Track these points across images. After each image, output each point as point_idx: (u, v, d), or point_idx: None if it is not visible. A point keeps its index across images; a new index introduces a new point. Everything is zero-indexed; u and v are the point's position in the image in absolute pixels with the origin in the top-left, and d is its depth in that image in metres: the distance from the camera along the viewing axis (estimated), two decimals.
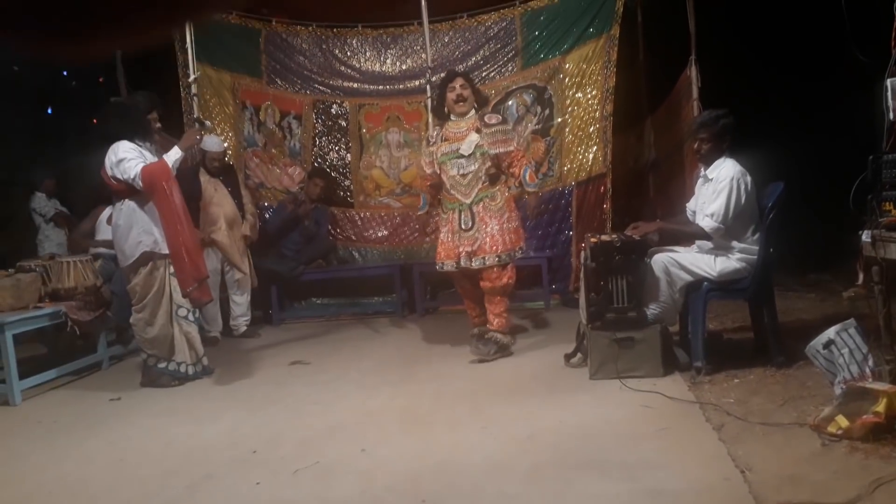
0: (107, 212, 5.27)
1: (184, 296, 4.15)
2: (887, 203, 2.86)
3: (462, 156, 4.39)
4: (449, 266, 4.43)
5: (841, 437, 2.51)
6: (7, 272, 4.43)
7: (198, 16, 0.69)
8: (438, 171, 4.48)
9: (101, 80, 7.51)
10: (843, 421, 2.54)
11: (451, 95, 4.42)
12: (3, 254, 6.18)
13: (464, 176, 4.41)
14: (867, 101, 3.22)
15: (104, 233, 5.36)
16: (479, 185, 4.38)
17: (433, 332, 5.35)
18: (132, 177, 3.98)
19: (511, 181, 4.53)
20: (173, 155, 4.10)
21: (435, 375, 4.08)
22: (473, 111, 4.44)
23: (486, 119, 4.44)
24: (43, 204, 6.94)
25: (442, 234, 4.52)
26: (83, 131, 6.88)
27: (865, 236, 2.90)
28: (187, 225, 4.12)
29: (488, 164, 4.36)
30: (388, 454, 2.84)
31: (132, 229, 4.08)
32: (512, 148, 4.41)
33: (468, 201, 4.39)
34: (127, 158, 4.00)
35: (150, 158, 4.11)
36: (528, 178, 4.39)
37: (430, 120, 5.97)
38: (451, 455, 2.77)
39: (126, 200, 4.11)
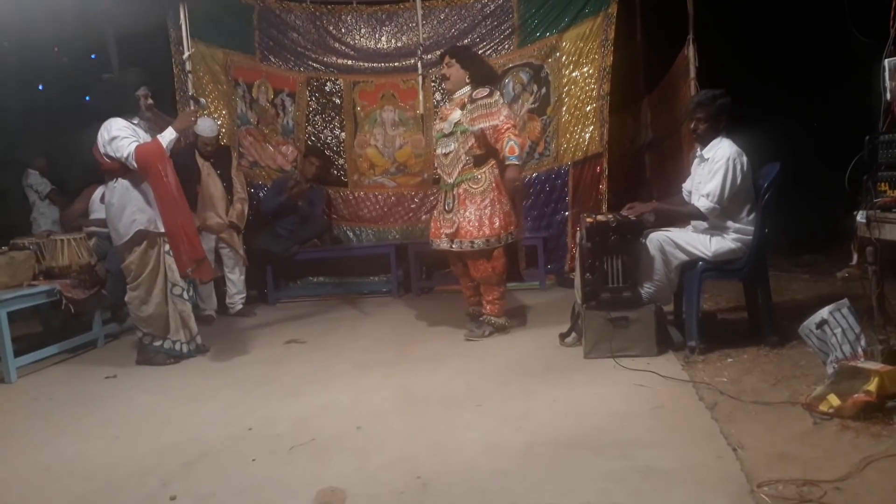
0: (99, 191, 5.23)
1: (182, 276, 4.13)
2: (883, 184, 2.86)
3: (445, 134, 4.36)
4: (435, 244, 4.43)
5: (832, 415, 2.54)
6: (1, 250, 4.40)
7: None
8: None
9: (93, 56, 7.42)
10: (834, 400, 2.57)
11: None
12: None
13: (446, 155, 4.36)
14: (865, 82, 3.20)
15: (98, 212, 5.34)
16: (460, 166, 4.28)
17: (429, 311, 5.36)
18: (125, 156, 3.94)
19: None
20: (168, 135, 4.05)
21: (430, 354, 4.10)
22: (467, 87, 4.32)
23: (474, 94, 4.26)
24: (37, 181, 6.89)
25: (435, 212, 4.52)
26: (75, 108, 6.81)
27: (860, 217, 2.90)
28: (183, 206, 4.09)
29: (471, 142, 4.22)
30: (384, 432, 2.85)
31: (126, 208, 4.06)
32: (496, 122, 4.15)
33: (451, 181, 4.35)
34: (120, 136, 3.96)
35: (144, 136, 4.07)
36: (507, 150, 4.11)
37: (422, 98, 5.93)
38: (446, 433, 2.79)
39: (119, 179, 4.08)
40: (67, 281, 4.47)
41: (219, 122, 6.32)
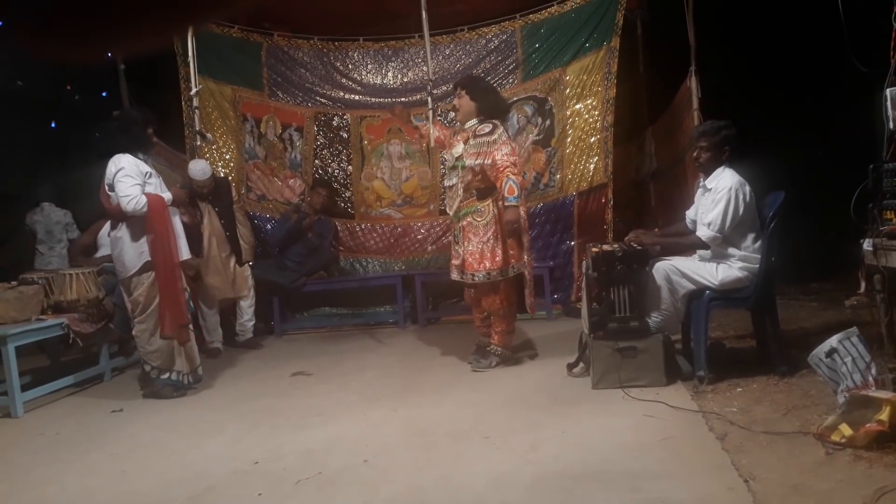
0: (107, 226, 5.28)
1: (162, 337, 4.15)
2: (888, 212, 2.87)
3: (450, 167, 4.39)
4: (452, 276, 4.45)
5: (845, 445, 2.51)
6: (10, 284, 4.43)
7: (197, 21, 0.70)
8: None
9: (104, 94, 7.55)
10: (846, 429, 2.53)
11: None
12: (5, 267, 6.18)
13: (450, 188, 4.41)
14: (867, 111, 3.23)
15: (105, 247, 5.35)
16: (458, 201, 4.28)
17: (435, 342, 5.35)
18: (130, 198, 3.96)
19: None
20: (167, 197, 4.18)
21: (437, 386, 4.08)
22: (475, 120, 4.32)
23: (477, 130, 4.26)
24: (52, 214, 6.85)
25: None
26: (86, 145, 6.91)
27: (867, 245, 2.90)
28: (177, 271, 4.18)
29: (469, 177, 4.22)
30: (391, 465, 2.83)
31: (135, 239, 4.09)
32: (495, 160, 4.13)
33: (451, 214, 4.38)
34: (125, 172, 4.00)
35: (152, 173, 4.16)
36: (507, 191, 4.09)
37: (431, 131, 5.99)
38: (454, 466, 2.76)
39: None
40: (75, 315, 4.49)
41: (227, 156, 6.40)
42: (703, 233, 3.60)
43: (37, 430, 3.79)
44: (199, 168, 5.50)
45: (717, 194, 3.58)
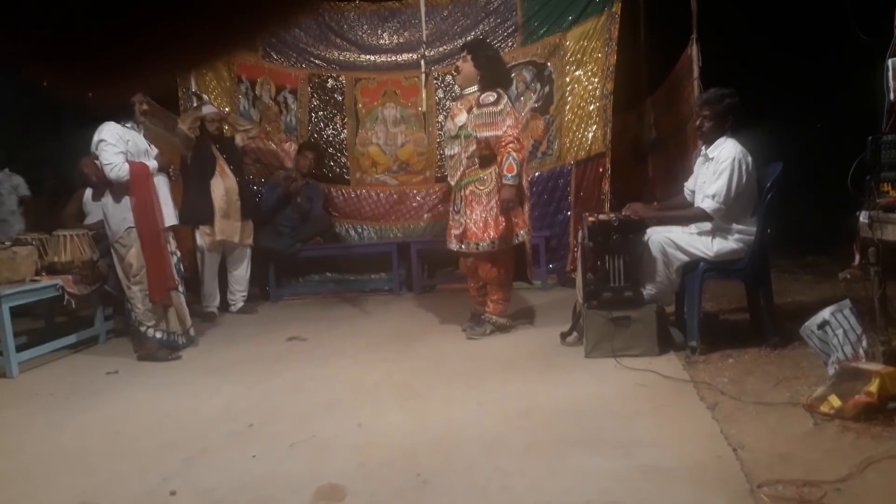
0: (89, 191, 5.28)
1: (150, 301, 4.24)
2: (885, 184, 2.86)
3: (451, 136, 4.33)
4: (448, 245, 4.43)
5: (833, 416, 2.54)
6: (3, 245, 4.41)
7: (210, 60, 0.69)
8: None
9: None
10: (835, 401, 2.57)
11: None
12: None
13: (451, 157, 4.36)
14: (868, 82, 3.20)
15: (93, 212, 5.32)
16: (461, 170, 4.24)
17: (430, 309, 5.36)
18: (112, 166, 4.07)
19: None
20: (152, 165, 4.27)
21: (432, 352, 4.10)
22: (475, 87, 4.25)
23: (481, 98, 4.19)
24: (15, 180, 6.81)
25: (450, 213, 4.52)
26: (77, 107, 6.81)
27: (863, 217, 2.90)
28: (162, 236, 4.26)
29: (473, 147, 4.16)
30: (384, 429, 2.85)
31: (118, 205, 4.18)
32: (499, 132, 4.08)
33: (453, 183, 4.35)
34: (107, 142, 4.09)
35: (136, 140, 4.23)
36: (506, 168, 4.05)
37: (424, 95, 5.93)
38: (447, 431, 2.79)
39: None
40: (70, 276, 4.48)
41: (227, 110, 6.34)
42: (706, 204, 3.57)
43: (32, 390, 3.80)
44: (208, 107, 5.64)
45: (720, 165, 3.55)
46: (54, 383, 3.92)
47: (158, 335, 4.28)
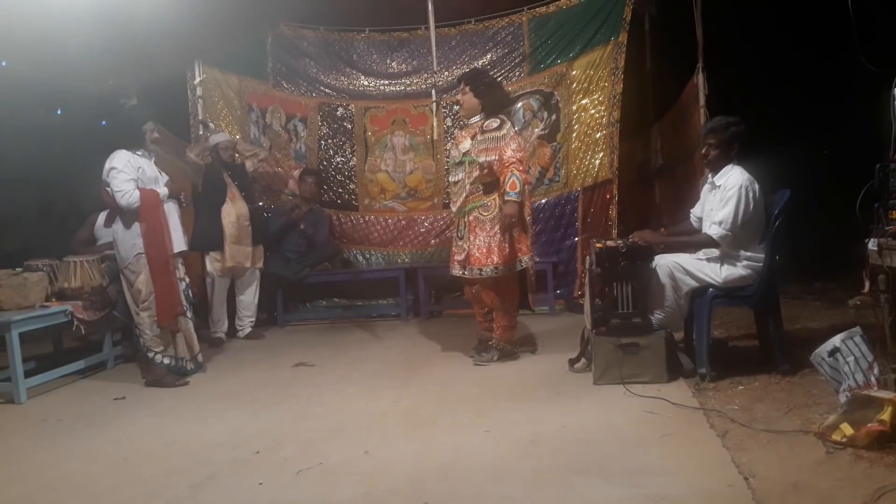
0: (102, 216, 5.33)
1: (159, 326, 4.27)
2: (894, 212, 2.86)
3: (456, 162, 4.37)
4: (451, 271, 4.44)
5: (846, 445, 2.51)
6: (14, 271, 4.45)
7: None
8: None
9: (110, 82, 7.52)
10: (847, 429, 2.53)
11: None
12: (10, 252, 6.20)
13: (455, 184, 4.39)
14: (875, 110, 3.21)
15: (104, 237, 5.36)
16: (464, 196, 4.26)
17: (437, 335, 5.35)
18: (122, 193, 4.12)
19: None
20: (162, 192, 4.33)
21: (439, 378, 4.08)
22: (479, 116, 4.31)
23: (485, 125, 4.25)
24: None
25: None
26: (91, 133, 6.91)
27: (872, 244, 2.89)
28: (170, 262, 4.30)
29: (477, 172, 4.19)
30: (391, 457, 2.84)
31: (128, 232, 4.22)
32: (503, 156, 4.12)
33: (455, 210, 4.37)
34: (118, 169, 4.14)
35: (147, 167, 4.29)
36: (508, 185, 4.06)
37: (434, 123, 5.99)
38: (454, 458, 2.77)
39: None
40: (79, 302, 4.51)
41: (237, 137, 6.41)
42: (713, 231, 3.57)
43: (39, 416, 3.81)
44: (220, 134, 5.78)
45: (727, 192, 3.56)
46: (62, 409, 3.92)
47: (166, 361, 4.30)
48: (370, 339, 5.49)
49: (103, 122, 4.40)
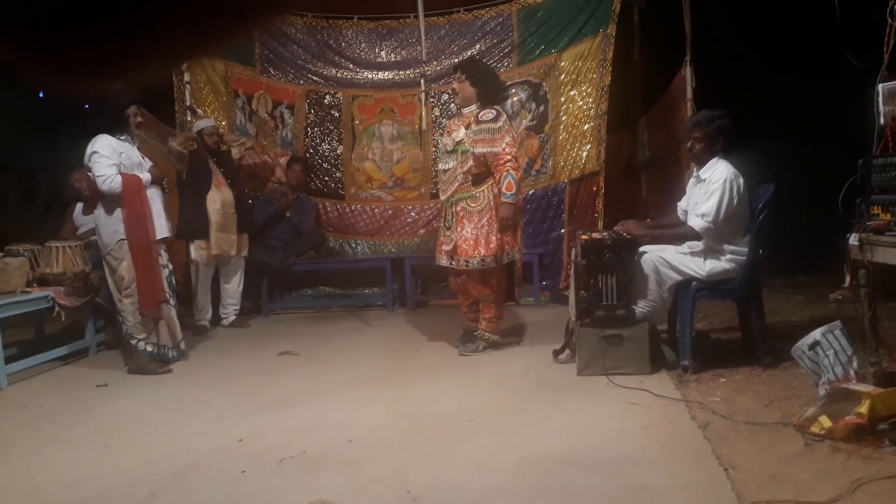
0: (79, 206, 5.28)
1: (140, 313, 4.23)
2: (876, 207, 2.89)
3: (447, 151, 4.35)
4: (438, 261, 4.43)
5: (824, 437, 2.54)
6: None
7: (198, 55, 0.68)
8: None
9: None
10: (826, 421, 2.57)
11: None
12: None
13: (444, 172, 4.36)
14: (859, 106, 3.24)
15: (85, 225, 5.31)
16: (456, 185, 4.23)
17: (424, 325, 5.36)
18: (104, 178, 4.07)
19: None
20: (145, 178, 4.28)
21: (424, 369, 4.09)
22: (475, 105, 4.26)
23: (480, 115, 4.20)
24: None
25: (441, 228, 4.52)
26: (74, 117, 6.84)
27: (853, 239, 2.92)
28: (152, 248, 4.26)
29: (470, 163, 4.17)
30: (375, 446, 2.84)
31: (110, 217, 4.19)
32: (497, 149, 4.10)
33: (444, 199, 4.35)
34: (100, 154, 4.09)
35: (130, 152, 4.24)
36: (505, 187, 4.08)
37: (423, 113, 5.95)
38: (438, 448, 2.78)
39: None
40: (61, 288, 4.46)
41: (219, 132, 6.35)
42: (696, 223, 3.60)
43: (21, 402, 3.77)
44: (203, 121, 5.69)
45: (712, 185, 3.58)
46: (43, 396, 3.89)
47: (149, 348, 4.27)
48: (356, 329, 5.48)
49: (87, 106, 4.34)
